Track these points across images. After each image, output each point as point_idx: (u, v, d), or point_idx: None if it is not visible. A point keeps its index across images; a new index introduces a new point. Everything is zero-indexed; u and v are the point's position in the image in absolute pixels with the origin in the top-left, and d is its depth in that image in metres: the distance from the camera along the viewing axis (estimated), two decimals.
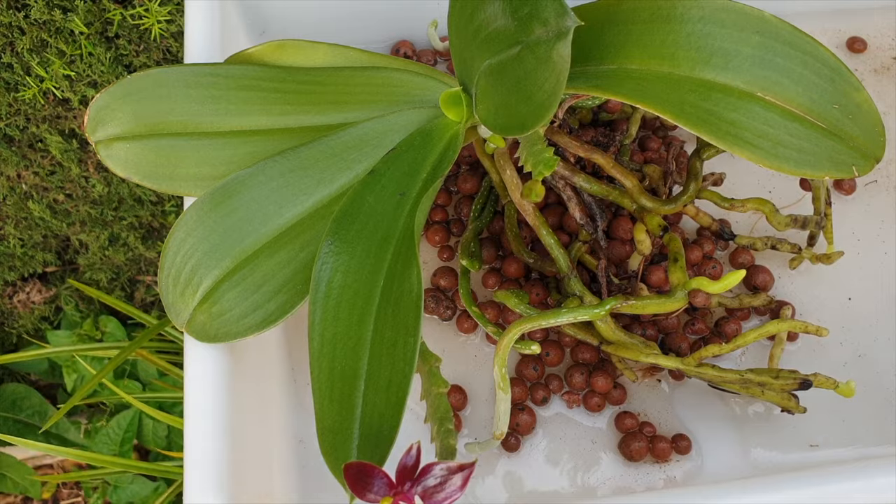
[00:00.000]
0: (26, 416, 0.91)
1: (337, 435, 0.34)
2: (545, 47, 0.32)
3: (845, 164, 0.34)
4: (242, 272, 0.39)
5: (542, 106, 0.32)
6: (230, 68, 0.43)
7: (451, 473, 0.31)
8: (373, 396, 0.34)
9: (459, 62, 0.40)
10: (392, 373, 0.34)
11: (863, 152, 0.34)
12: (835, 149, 0.34)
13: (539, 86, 0.33)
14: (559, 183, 0.45)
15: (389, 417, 0.34)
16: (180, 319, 0.39)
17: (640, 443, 0.46)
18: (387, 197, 0.39)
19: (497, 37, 0.36)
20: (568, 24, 0.31)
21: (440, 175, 0.39)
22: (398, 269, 0.37)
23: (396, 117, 0.42)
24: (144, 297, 0.92)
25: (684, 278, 0.42)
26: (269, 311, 0.39)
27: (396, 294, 0.36)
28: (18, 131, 0.69)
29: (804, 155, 0.33)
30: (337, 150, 0.41)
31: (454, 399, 0.47)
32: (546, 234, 0.45)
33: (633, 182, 0.44)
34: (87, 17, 0.59)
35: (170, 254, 0.40)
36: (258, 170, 0.41)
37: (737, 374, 0.43)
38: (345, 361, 0.35)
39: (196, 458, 0.37)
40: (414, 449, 0.31)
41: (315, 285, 0.37)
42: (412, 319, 0.35)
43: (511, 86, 0.35)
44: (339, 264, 0.37)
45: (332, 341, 0.36)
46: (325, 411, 0.35)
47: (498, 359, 0.43)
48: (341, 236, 0.38)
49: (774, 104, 0.34)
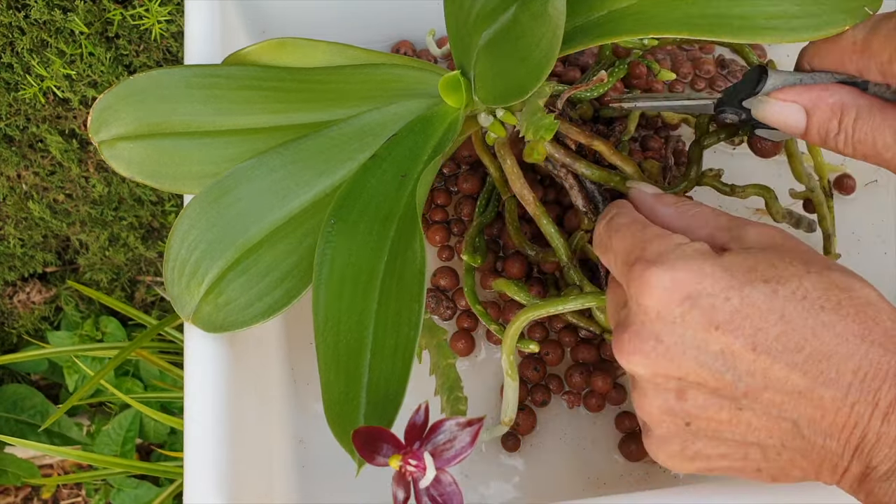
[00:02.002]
0: (28, 417, 0.91)
1: (344, 405, 0.34)
2: (540, 2, 0.33)
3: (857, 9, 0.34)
4: (247, 262, 0.40)
5: (539, 64, 0.33)
6: (231, 69, 0.43)
7: (460, 429, 0.31)
8: (379, 363, 0.35)
9: (457, 44, 0.40)
10: (398, 339, 0.35)
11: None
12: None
13: (535, 43, 0.33)
14: (561, 171, 0.45)
15: (396, 381, 0.34)
16: (186, 311, 0.40)
17: (640, 443, 0.46)
18: (388, 179, 0.40)
19: (491, 8, 0.36)
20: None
21: (441, 152, 0.39)
22: (402, 243, 0.37)
23: (396, 107, 0.42)
24: (144, 297, 0.92)
25: None
26: (274, 299, 0.39)
27: (400, 266, 0.36)
28: (18, 131, 0.69)
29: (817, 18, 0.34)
30: (338, 140, 0.42)
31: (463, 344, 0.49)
32: (546, 224, 0.45)
33: (633, 168, 0.44)
34: (88, 17, 0.59)
35: (174, 246, 0.40)
36: (260, 161, 0.41)
37: None
38: (350, 335, 0.36)
39: (196, 458, 0.37)
40: (422, 408, 0.31)
41: (318, 265, 0.37)
42: (416, 287, 0.35)
43: (508, 51, 0.35)
44: (341, 243, 0.38)
45: (336, 317, 0.36)
46: (332, 383, 0.35)
47: (506, 347, 0.43)
48: (343, 217, 0.38)
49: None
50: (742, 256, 0.32)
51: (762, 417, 0.31)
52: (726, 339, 0.30)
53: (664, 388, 0.32)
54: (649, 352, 0.31)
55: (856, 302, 0.31)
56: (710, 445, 0.32)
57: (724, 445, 0.32)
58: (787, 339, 0.30)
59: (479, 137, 0.48)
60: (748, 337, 0.30)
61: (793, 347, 0.30)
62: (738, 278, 0.31)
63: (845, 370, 0.29)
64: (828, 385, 0.29)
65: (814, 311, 0.30)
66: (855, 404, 0.29)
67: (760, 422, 0.31)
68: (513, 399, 0.44)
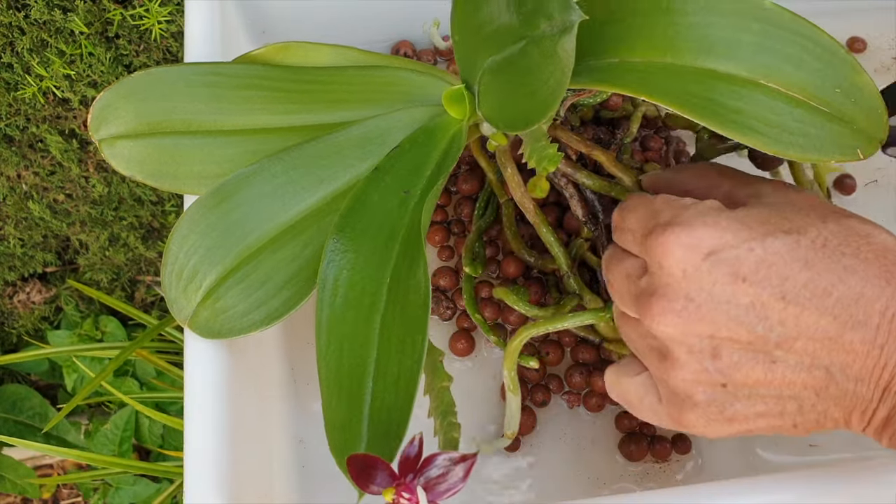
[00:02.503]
0: (26, 417, 0.91)
1: (346, 432, 0.34)
2: (550, 42, 0.32)
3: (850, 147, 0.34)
4: (246, 269, 0.39)
5: (546, 101, 0.32)
6: (232, 67, 0.43)
7: (453, 464, 0.31)
8: (381, 393, 0.34)
9: (463, 59, 0.40)
10: (400, 370, 0.34)
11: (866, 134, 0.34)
12: (839, 132, 0.34)
13: (544, 80, 0.32)
14: (561, 180, 0.45)
15: (398, 413, 0.34)
16: (183, 315, 0.39)
17: (640, 443, 0.46)
18: (391, 194, 0.39)
19: (501, 32, 0.36)
20: (573, 18, 0.31)
21: (444, 173, 0.39)
22: (404, 267, 0.37)
23: (400, 115, 0.42)
24: (145, 297, 0.92)
25: None
26: (272, 308, 0.39)
27: (403, 292, 0.36)
28: (18, 131, 0.69)
29: (810, 140, 0.33)
30: (340, 147, 0.41)
31: (463, 344, 0.49)
32: (546, 232, 0.45)
33: (633, 179, 0.44)
34: (87, 17, 0.59)
35: (173, 250, 0.40)
36: (261, 167, 0.41)
37: None
38: (352, 359, 0.36)
39: (196, 457, 0.37)
40: (416, 440, 0.31)
41: (322, 283, 0.37)
42: (420, 317, 0.35)
43: (515, 81, 0.35)
44: (345, 262, 0.37)
45: (339, 340, 0.36)
46: (334, 409, 0.35)
47: (507, 362, 0.43)
48: (347, 234, 0.38)
49: (778, 91, 0.34)
50: (757, 209, 0.32)
51: (796, 369, 0.31)
52: (754, 291, 0.30)
53: (698, 349, 0.32)
54: (680, 311, 0.31)
55: (874, 247, 0.31)
56: (747, 405, 0.32)
57: (762, 403, 0.32)
58: (815, 285, 0.30)
59: (477, 142, 0.48)
60: (776, 287, 0.30)
61: (820, 293, 0.30)
62: (757, 230, 0.31)
63: (872, 312, 0.30)
64: (857, 328, 0.30)
65: (836, 256, 0.30)
66: (884, 345, 0.29)
67: (794, 374, 0.31)
68: (516, 413, 0.44)
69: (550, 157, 0.36)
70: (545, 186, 0.41)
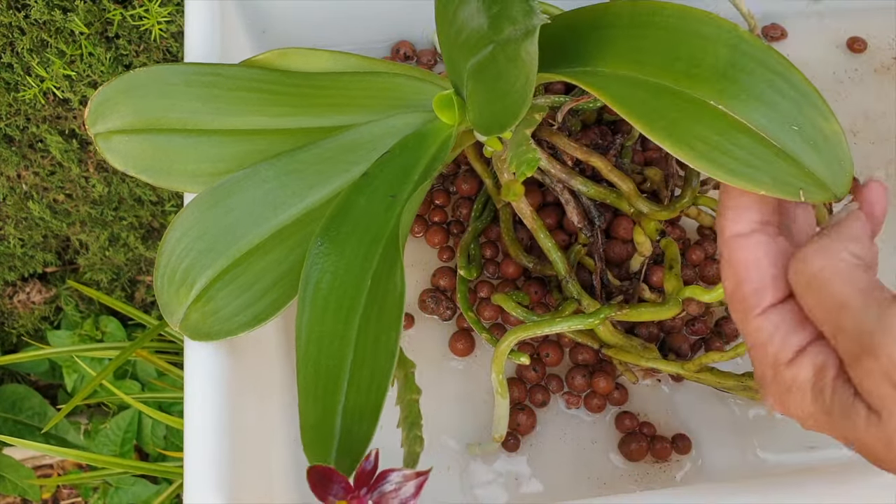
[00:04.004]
0: (26, 417, 0.91)
1: (319, 432, 0.35)
2: (514, 45, 0.33)
3: (791, 185, 0.32)
4: (235, 271, 0.40)
5: (515, 104, 0.33)
6: (231, 69, 0.43)
7: (406, 480, 0.32)
8: (355, 393, 0.35)
9: (449, 63, 0.40)
10: (374, 370, 0.35)
11: (817, 181, 0.32)
12: (783, 169, 0.32)
13: (511, 84, 0.33)
14: (557, 186, 0.45)
15: (370, 413, 0.34)
16: (175, 318, 0.40)
17: (640, 443, 0.46)
18: (378, 199, 0.40)
19: (475, 36, 0.36)
20: (535, 22, 0.32)
21: (430, 177, 0.39)
22: (384, 270, 0.37)
23: (392, 120, 0.42)
24: (145, 297, 0.92)
25: (679, 286, 0.43)
26: (259, 309, 0.39)
27: (382, 293, 0.37)
28: (18, 131, 0.69)
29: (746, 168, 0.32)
30: (332, 153, 0.42)
31: (463, 345, 0.49)
32: (544, 238, 0.45)
33: (629, 186, 0.44)
34: (87, 17, 0.59)
35: (165, 254, 0.40)
36: (254, 171, 0.41)
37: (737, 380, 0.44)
38: (330, 360, 0.36)
39: (196, 458, 0.37)
40: (372, 455, 0.32)
41: (304, 285, 0.37)
42: (395, 316, 0.35)
43: (489, 85, 0.35)
44: (327, 265, 0.38)
45: (318, 340, 0.36)
46: (309, 409, 0.35)
47: (495, 365, 0.43)
48: (331, 237, 0.38)
49: (727, 115, 0.33)
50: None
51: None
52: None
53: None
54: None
55: None
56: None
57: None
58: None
59: (473, 148, 0.48)
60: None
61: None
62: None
63: None
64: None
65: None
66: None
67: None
68: (503, 416, 0.44)
69: (529, 161, 0.37)
70: (519, 190, 0.41)
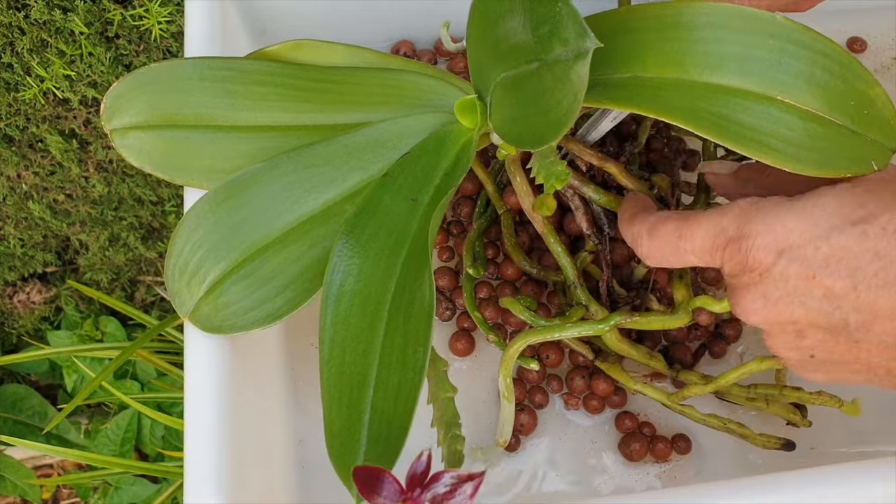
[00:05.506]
0: (26, 417, 0.91)
1: (345, 440, 0.34)
2: (564, 66, 0.32)
3: (864, 159, 0.34)
4: (251, 266, 0.39)
5: (558, 122, 0.33)
6: (246, 63, 0.42)
7: (461, 482, 0.31)
8: (381, 403, 0.34)
9: (476, 70, 0.40)
10: (401, 381, 0.34)
11: (879, 145, 0.34)
12: (852, 146, 0.34)
13: (557, 102, 0.33)
14: (568, 192, 0.44)
15: (398, 424, 0.34)
16: (184, 308, 0.39)
17: (640, 443, 0.46)
18: (400, 201, 0.39)
19: (516, 51, 0.35)
20: (588, 45, 0.31)
21: (453, 184, 0.38)
22: (410, 276, 0.37)
23: (412, 120, 0.42)
24: (145, 297, 0.92)
25: (688, 295, 0.42)
26: (276, 306, 0.39)
27: (408, 301, 0.36)
28: (18, 131, 0.69)
29: (823, 155, 0.33)
30: (351, 149, 0.41)
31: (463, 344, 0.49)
32: (554, 242, 0.44)
33: (644, 190, 0.44)
34: (87, 17, 0.59)
35: (178, 243, 0.40)
36: (272, 165, 0.40)
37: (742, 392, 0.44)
38: (354, 367, 0.35)
39: (196, 457, 0.37)
40: (424, 455, 0.31)
41: (328, 287, 0.37)
42: (423, 328, 0.35)
43: (528, 100, 0.35)
44: (352, 267, 0.37)
45: (341, 346, 0.36)
46: (334, 416, 0.35)
47: (503, 369, 0.43)
48: (356, 237, 0.38)
49: (792, 106, 0.34)
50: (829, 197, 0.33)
51: (879, 346, 0.33)
52: (826, 283, 0.32)
53: (784, 330, 0.34)
54: (760, 309, 0.34)
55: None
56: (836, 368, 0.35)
57: (850, 367, 0.34)
58: (886, 273, 0.31)
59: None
60: (846, 278, 0.31)
61: (892, 279, 0.31)
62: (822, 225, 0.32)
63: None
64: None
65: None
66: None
67: (878, 349, 0.33)
68: (509, 420, 0.44)
69: (558, 174, 0.36)
70: (552, 204, 0.41)
